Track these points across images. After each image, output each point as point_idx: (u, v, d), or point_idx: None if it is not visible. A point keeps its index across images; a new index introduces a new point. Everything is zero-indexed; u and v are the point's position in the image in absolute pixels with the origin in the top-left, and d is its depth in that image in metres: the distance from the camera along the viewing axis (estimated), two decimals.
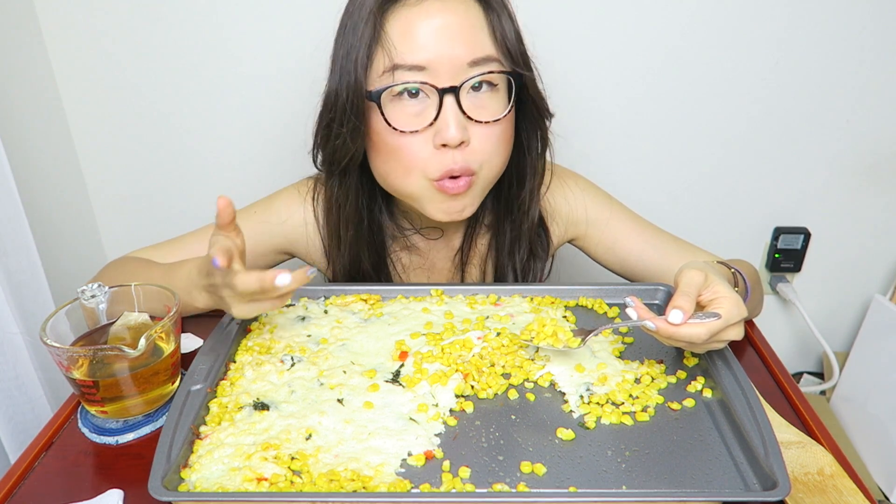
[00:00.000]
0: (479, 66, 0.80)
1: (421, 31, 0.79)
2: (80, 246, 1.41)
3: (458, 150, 0.82)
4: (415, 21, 0.79)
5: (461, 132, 0.80)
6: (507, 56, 0.82)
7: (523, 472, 0.63)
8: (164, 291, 0.76)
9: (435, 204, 0.87)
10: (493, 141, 0.84)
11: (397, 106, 0.82)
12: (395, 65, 0.79)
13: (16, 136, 1.16)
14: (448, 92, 0.80)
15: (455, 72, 0.80)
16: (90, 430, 0.74)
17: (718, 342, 0.72)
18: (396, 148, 0.83)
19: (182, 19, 1.25)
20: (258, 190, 1.05)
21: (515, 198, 0.94)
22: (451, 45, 0.79)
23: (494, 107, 0.83)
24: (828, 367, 1.56)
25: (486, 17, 0.81)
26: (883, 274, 1.52)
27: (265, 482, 0.61)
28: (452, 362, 0.76)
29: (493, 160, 0.86)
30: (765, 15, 1.25)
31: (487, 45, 0.81)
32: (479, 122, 0.82)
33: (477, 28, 0.80)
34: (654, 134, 1.37)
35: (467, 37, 0.80)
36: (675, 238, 1.00)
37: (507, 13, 0.82)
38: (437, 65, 0.79)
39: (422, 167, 0.83)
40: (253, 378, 0.74)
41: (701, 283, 0.70)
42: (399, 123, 0.81)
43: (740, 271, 0.84)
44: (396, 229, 0.98)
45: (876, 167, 1.40)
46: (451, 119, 0.80)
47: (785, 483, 0.59)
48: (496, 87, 0.83)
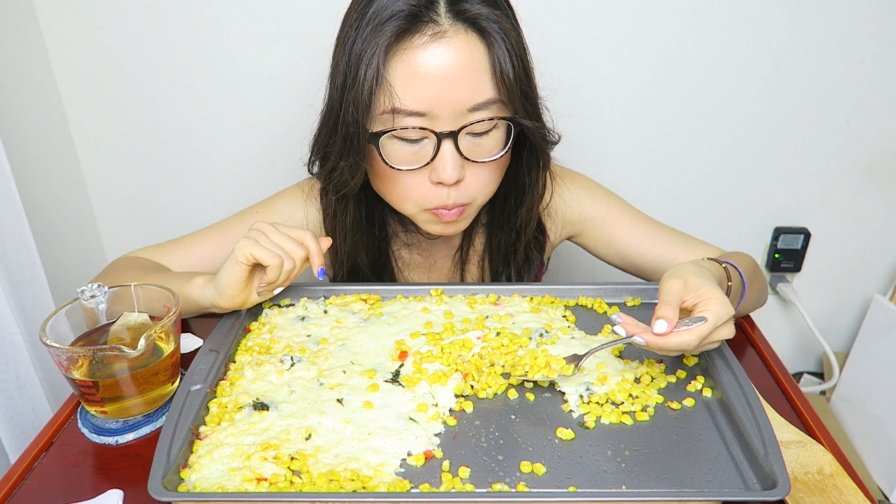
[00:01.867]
0: (479, 112, 0.80)
1: (424, 77, 0.77)
2: (80, 246, 1.41)
3: (453, 187, 0.83)
4: (417, 66, 0.77)
5: (457, 172, 0.81)
6: (509, 97, 0.80)
7: (523, 472, 0.63)
8: (164, 291, 0.76)
9: (429, 226, 0.89)
10: (488, 176, 0.85)
11: (396, 145, 0.82)
12: (396, 108, 0.78)
13: (16, 136, 1.17)
14: (447, 137, 0.80)
15: (454, 116, 0.79)
16: (90, 430, 0.74)
17: (711, 343, 0.71)
18: (394, 180, 0.84)
19: (183, 19, 1.25)
20: (258, 190, 1.05)
21: (514, 213, 0.95)
22: (453, 91, 0.78)
23: (492, 145, 0.83)
24: (828, 367, 1.56)
25: (488, 55, 0.78)
26: (883, 274, 1.52)
27: (265, 482, 0.61)
28: (452, 362, 0.76)
29: (487, 190, 0.87)
30: (765, 15, 1.25)
31: (488, 87, 0.79)
32: (476, 161, 0.82)
33: (479, 70, 0.78)
34: (654, 134, 1.37)
35: (469, 81, 0.78)
36: (674, 231, 0.99)
37: (512, 46, 0.79)
38: (437, 110, 0.78)
39: (417, 199, 0.85)
40: (253, 378, 0.74)
41: (680, 289, 0.70)
42: (396, 161, 0.82)
43: (736, 265, 0.83)
44: (399, 226, 0.99)
45: (876, 167, 1.40)
46: (448, 161, 0.80)
47: (785, 483, 0.59)
48: (496, 127, 0.82)
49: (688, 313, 0.71)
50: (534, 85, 0.84)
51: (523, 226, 0.95)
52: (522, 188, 0.93)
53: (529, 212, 0.94)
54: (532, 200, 0.94)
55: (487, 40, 0.78)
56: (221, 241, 0.95)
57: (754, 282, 0.90)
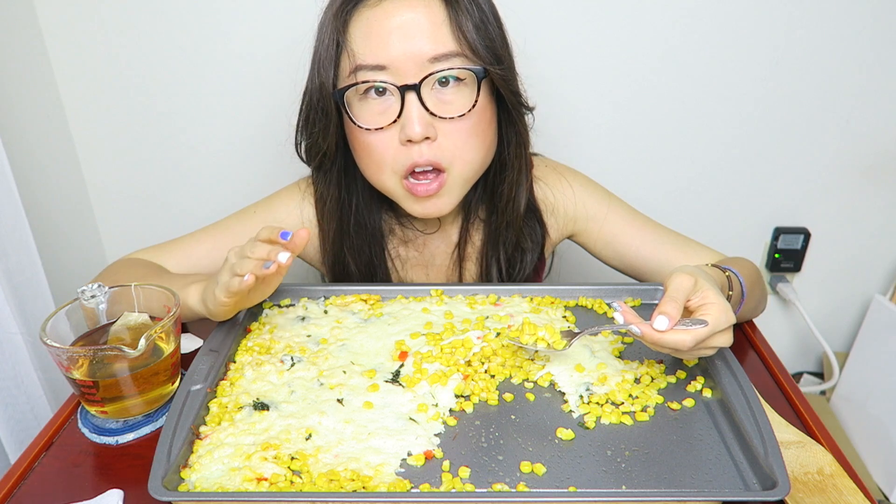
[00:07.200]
0: (440, 62, 0.81)
1: (380, 31, 0.80)
2: (80, 246, 1.41)
3: (424, 144, 0.83)
4: (374, 21, 0.80)
5: (424, 128, 0.81)
6: (473, 51, 0.82)
7: (523, 472, 0.63)
8: (164, 291, 0.76)
9: (410, 204, 0.89)
10: (462, 136, 0.84)
11: (364, 104, 0.83)
12: (358, 66, 0.81)
13: (16, 136, 1.17)
14: (409, 89, 0.81)
15: (417, 69, 0.80)
16: (90, 430, 0.74)
17: (707, 349, 0.70)
18: (367, 145, 0.85)
19: (183, 19, 1.25)
20: (258, 189, 1.05)
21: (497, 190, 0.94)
22: (411, 42, 0.79)
23: (461, 102, 0.83)
24: (828, 367, 1.56)
25: (448, 13, 0.80)
26: (883, 274, 1.52)
27: (265, 482, 0.61)
28: (452, 362, 0.76)
29: (465, 155, 0.86)
30: (765, 15, 1.25)
31: (449, 40, 0.81)
32: (444, 118, 0.82)
33: (438, 24, 0.80)
34: (654, 134, 1.37)
35: (428, 33, 0.80)
36: (674, 233, 0.99)
37: (476, 8, 0.82)
38: (398, 63, 0.80)
39: (390, 163, 0.85)
40: (253, 378, 0.74)
41: (690, 287, 0.69)
42: (365, 121, 0.83)
43: (737, 273, 0.83)
44: (395, 220, 0.99)
45: (876, 167, 1.40)
46: (414, 115, 0.81)
47: (785, 483, 0.59)
48: (464, 82, 0.83)
49: (688, 314, 0.70)
50: (501, 40, 0.85)
51: (507, 204, 0.94)
52: (503, 164, 0.93)
53: (511, 189, 0.94)
54: (513, 177, 0.93)
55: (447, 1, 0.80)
56: (219, 241, 0.95)
57: (754, 289, 0.89)
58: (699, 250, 0.97)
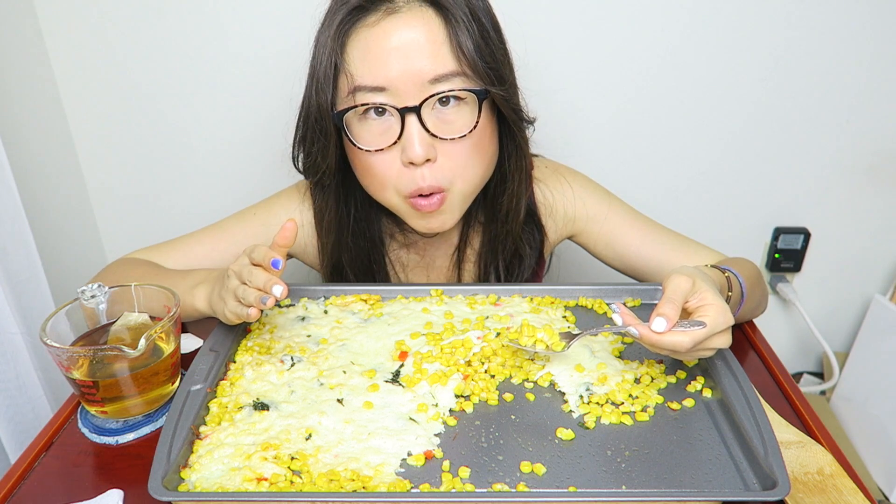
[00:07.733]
0: (440, 83, 0.79)
1: (379, 52, 0.78)
2: (80, 246, 1.41)
3: (425, 166, 0.82)
4: (372, 42, 0.78)
5: (425, 150, 0.80)
6: (474, 70, 0.80)
7: (523, 472, 0.63)
8: (164, 291, 0.76)
9: (414, 220, 0.88)
10: (464, 156, 0.83)
11: (364, 125, 0.82)
12: (356, 87, 0.80)
13: (16, 136, 1.17)
14: (409, 111, 0.79)
15: (417, 90, 0.79)
16: (90, 430, 0.74)
17: (705, 350, 0.70)
18: (369, 165, 0.84)
19: (183, 19, 1.25)
20: (258, 189, 1.05)
21: (498, 202, 0.94)
22: (411, 63, 0.78)
23: (462, 122, 0.82)
24: (828, 367, 1.56)
25: (447, 31, 0.79)
26: (883, 274, 1.52)
27: (265, 482, 0.61)
28: (452, 362, 0.76)
29: (466, 173, 0.85)
30: (765, 15, 1.25)
31: (450, 60, 0.79)
32: (445, 139, 0.81)
33: (438, 43, 0.78)
34: (654, 134, 1.37)
35: (427, 53, 0.78)
36: (674, 233, 0.99)
37: (477, 24, 0.80)
38: (397, 84, 0.78)
39: (393, 184, 0.84)
40: (253, 378, 0.74)
41: (688, 289, 0.69)
42: (365, 142, 0.82)
43: (737, 273, 0.83)
44: (395, 226, 0.99)
45: (876, 167, 1.40)
46: (415, 137, 0.80)
47: (785, 483, 0.59)
48: (464, 101, 0.82)
49: (687, 315, 0.70)
50: (502, 55, 0.84)
51: (507, 215, 0.94)
52: (504, 177, 0.92)
53: (511, 200, 0.93)
54: (513, 189, 0.93)
55: (443, 14, 0.79)
56: (219, 242, 0.95)
57: (755, 290, 0.89)
58: (699, 250, 0.97)
